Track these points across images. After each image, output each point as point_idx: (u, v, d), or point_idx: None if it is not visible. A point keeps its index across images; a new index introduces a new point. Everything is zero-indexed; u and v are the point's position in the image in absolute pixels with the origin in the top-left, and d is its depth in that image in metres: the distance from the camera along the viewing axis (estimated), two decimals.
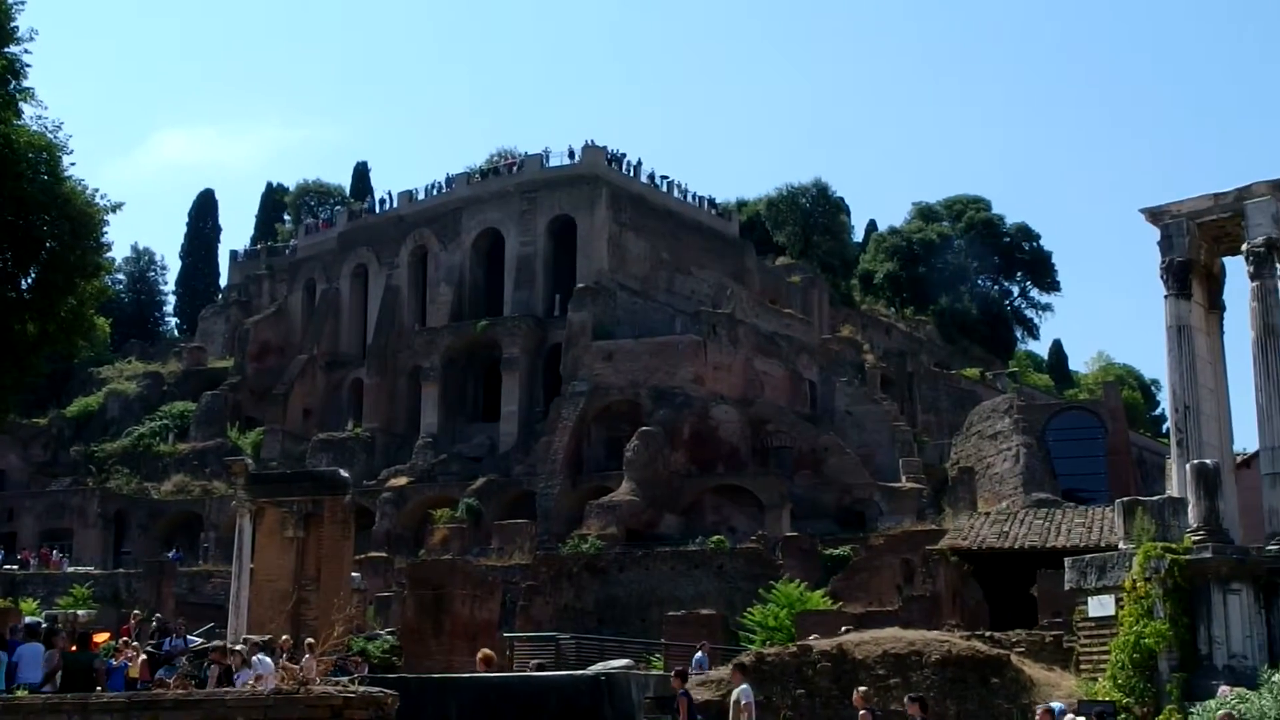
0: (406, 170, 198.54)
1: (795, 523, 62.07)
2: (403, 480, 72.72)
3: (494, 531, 62.15)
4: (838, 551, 54.50)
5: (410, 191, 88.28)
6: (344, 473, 38.58)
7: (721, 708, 26.70)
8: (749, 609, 42.71)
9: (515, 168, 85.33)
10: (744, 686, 20.90)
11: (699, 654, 32.91)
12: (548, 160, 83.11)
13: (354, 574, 41.39)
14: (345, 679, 10.62)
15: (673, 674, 21.92)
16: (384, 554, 61.21)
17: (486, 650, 20.79)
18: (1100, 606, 24.53)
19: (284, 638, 26.11)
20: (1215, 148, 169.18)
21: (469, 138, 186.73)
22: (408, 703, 10.55)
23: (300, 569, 34.07)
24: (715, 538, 58.13)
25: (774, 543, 55.58)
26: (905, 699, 21.38)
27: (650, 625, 46.87)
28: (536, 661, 28.56)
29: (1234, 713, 19.34)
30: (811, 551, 54.06)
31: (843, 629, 32.14)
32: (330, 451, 74.99)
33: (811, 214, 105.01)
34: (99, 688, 17.60)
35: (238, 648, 25.11)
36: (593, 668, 19.55)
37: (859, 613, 40.35)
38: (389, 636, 35.85)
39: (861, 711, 21.07)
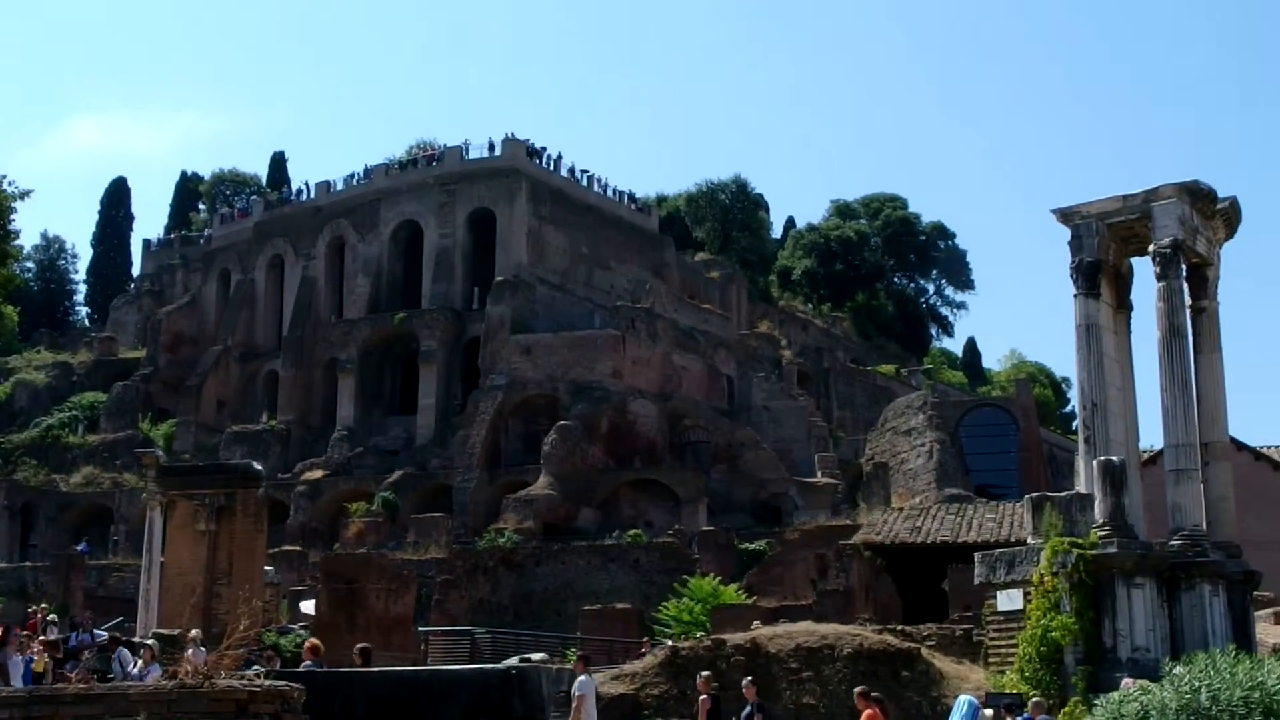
0: (324, 161, 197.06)
1: (712, 517, 62.37)
2: (318, 473, 72.06)
3: (410, 525, 61.79)
4: (753, 546, 54.88)
5: (328, 182, 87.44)
6: (257, 465, 38.21)
7: (635, 700, 26.85)
8: (664, 603, 42.84)
9: (434, 160, 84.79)
10: (582, 678, 20.39)
11: None
12: (467, 153, 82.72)
13: (267, 568, 40.95)
14: (251, 672, 10.51)
15: (745, 684, 21.72)
16: (298, 548, 60.65)
17: (314, 640, 20.56)
18: (1009, 600, 24.90)
19: (193, 631, 25.76)
20: (1125, 150, 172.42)
21: (388, 129, 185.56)
22: (316, 697, 10.45)
23: (212, 563, 33.69)
24: (632, 532, 58.24)
25: (690, 537, 55.81)
26: (745, 683, 21.32)
27: (566, 619, 46.83)
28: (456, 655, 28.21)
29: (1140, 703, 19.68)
30: (727, 546, 54.39)
31: (754, 623, 32.35)
32: (244, 444, 74.12)
33: (731, 210, 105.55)
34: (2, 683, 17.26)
35: (149, 642, 24.77)
36: (506, 662, 19.44)
37: (773, 607, 40.66)
38: (302, 631, 35.53)
39: (702, 696, 21.06)
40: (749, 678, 22.81)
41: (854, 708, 25.22)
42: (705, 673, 23.57)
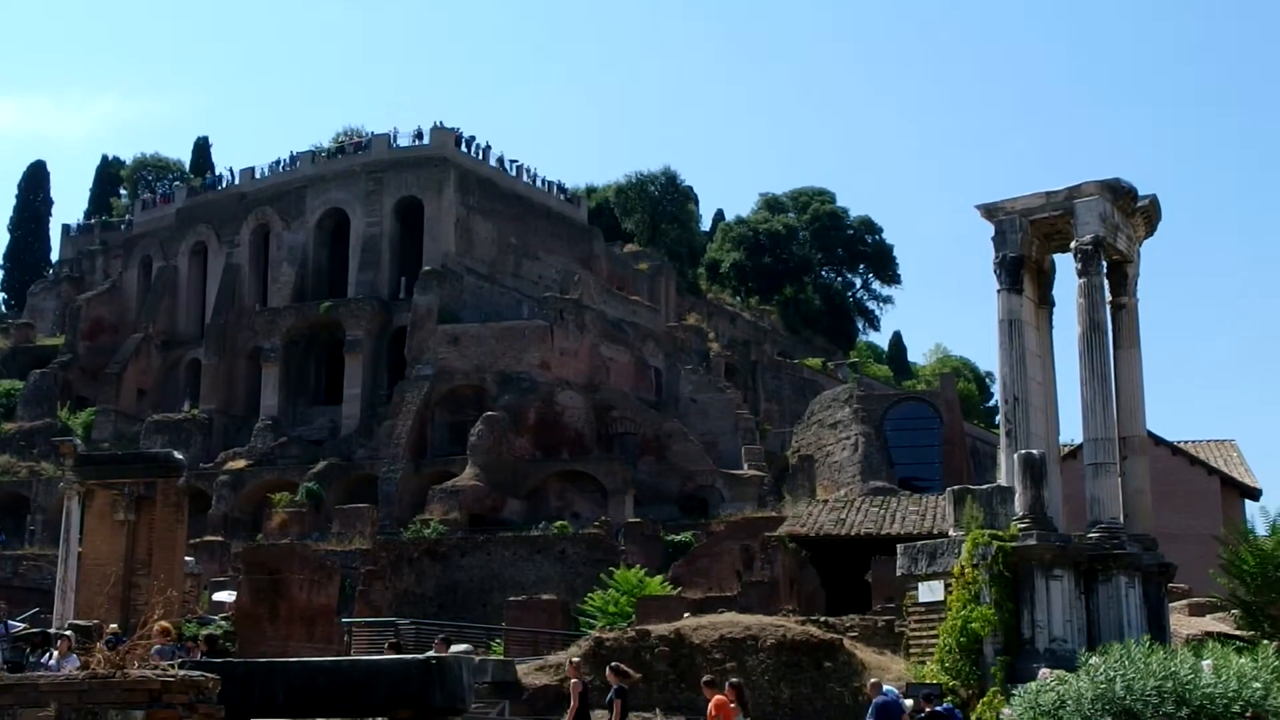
0: (249, 147, 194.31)
1: (638, 509, 62.48)
2: (241, 463, 71.27)
3: (334, 516, 61.35)
4: (679, 537, 55.03)
5: (253, 169, 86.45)
6: (178, 455, 37.69)
7: (559, 691, 26.83)
8: (590, 594, 42.86)
9: (362, 148, 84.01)
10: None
11: None
12: (395, 141, 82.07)
13: (188, 558, 40.48)
14: (166, 663, 10.37)
15: (609, 669, 21.70)
16: (220, 538, 59.99)
17: (164, 623, 20.37)
18: (930, 592, 25.17)
19: (112, 626, 25.39)
20: (1049, 146, 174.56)
21: (315, 116, 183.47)
22: (234, 688, 10.33)
23: (131, 553, 33.22)
24: (558, 523, 58.19)
25: (617, 528, 55.87)
26: (608, 669, 21.35)
27: (491, 610, 46.76)
28: (390, 642, 27.76)
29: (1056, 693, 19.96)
30: (654, 537, 54.50)
31: (684, 615, 32.43)
32: (165, 433, 73.14)
33: (660, 202, 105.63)
34: None
35: (66, 633, 24.37)
36: (429, 652, 19.32)
37: (699, 598, 40.75)
38: (223, 622, 35.15)
39: (573, 680, 21.06)
40: (613, 663, 22.85)
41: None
42: (576, 658, 23.65)
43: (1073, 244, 26.56)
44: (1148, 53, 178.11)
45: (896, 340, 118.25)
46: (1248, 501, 52.60)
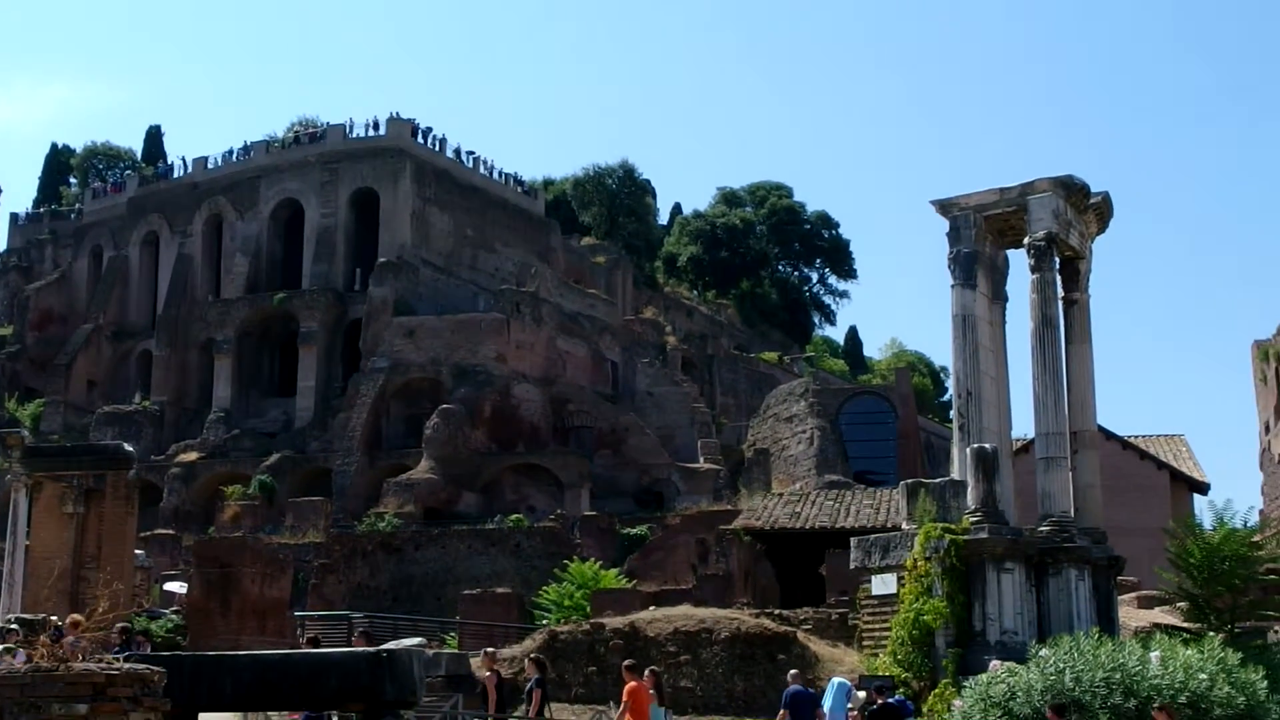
0: (202, 136, 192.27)
1: (594, 502, 62.46)
2: (193, 455, 70.75)
3: (288, 509, 60.97)
4: (635, 531, 55.09)
5: (206, 158, 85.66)
6: (128, 447, 37.26)
7: (513, 685, 26.78)
8: (545, 588, 42.81)
9: (317, 138, 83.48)
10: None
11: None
12: (351, 131, 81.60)
13: (138, 551, 40.07)
14: (111, 656, 10.26)
15: (528, 660, 21.70)
16: (171, 531, 59.52)
17: (75, 615, 20.21)
18: (883, 585, 25.31)
19: (54, 618, 25.08)
20: (1004, 143, 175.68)
21: (269, 106, 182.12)
22: (182, 681, 10.22)
23: (80, 546, 32.82)
24: (514, 516, 58.09)
25: (572, 522, 55.83)
26: (527, 660, 21.29)
27: (446, 604, 46.64)
28: (361, 631, 27.37)
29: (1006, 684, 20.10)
30: (609, 530, 54.54)
31: (650, 607, 32.45)
32: (116, 425, 72.45)
33: (617, 195, 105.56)
34: None
35: (13, 627, 24.07)
36: (383, 646, 19.25)
37: (654, 591, 40.84)
38: (174, 615, 34.87)
39: (486, 673, 21.03)
40: (532, 654, 22.89)
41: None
42: (489, 649, 23.65)
43: (1026, 240, 26.74)
44: (1102, 51, 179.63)
45: (852, 335, 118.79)
46: (1196, 496, 53.18)
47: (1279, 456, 61.68)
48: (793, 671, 21.31)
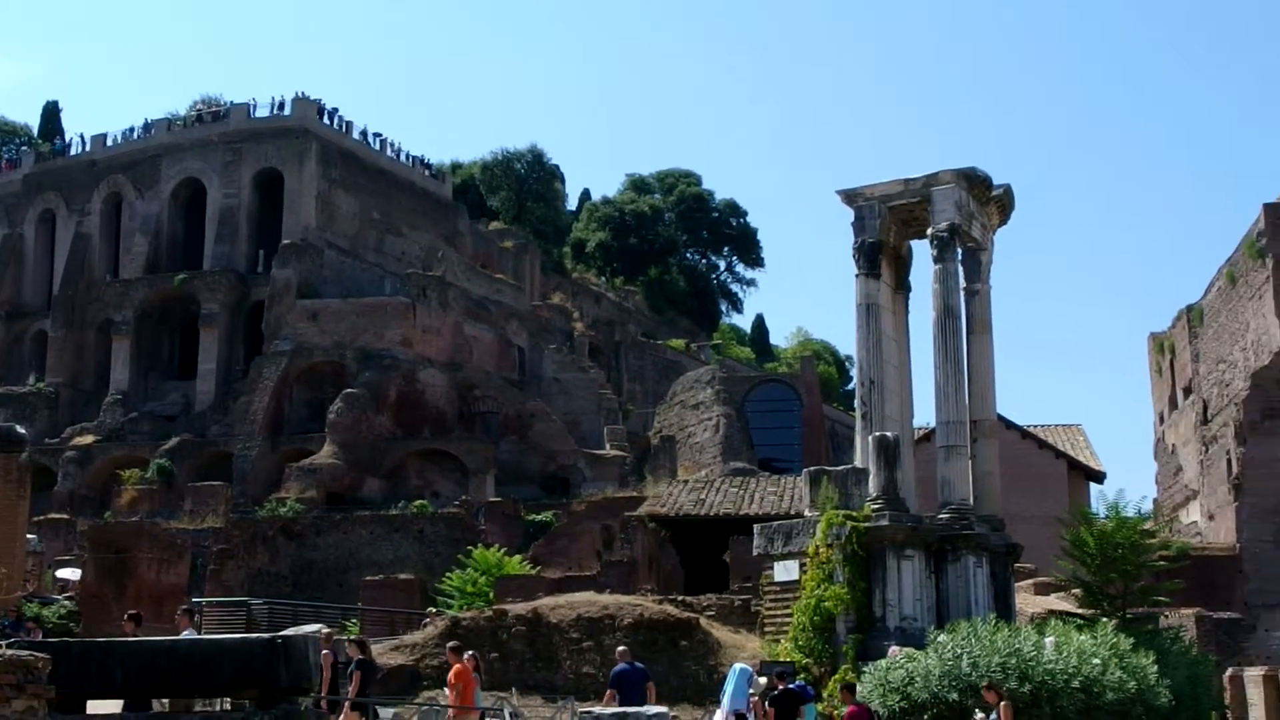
0: (102, 113, 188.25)
1: (500, 488, 62.23)
2: (89, 439, 69.38)
3: (187, 493, 60.00)
4: (540, 517, 54.96)
5: (105, 135, 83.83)
6: (21, 429, 36.37)
7: (415, 671, 26.63)
8: (448, 574, 42.59)
9: (220, 117, 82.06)
10: (188, 631, 19.25)
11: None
12: (255, 111, 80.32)
13: (30, 536, 39.21)
14: None
15: (348, 641, 21.52)
16: (66, 516, 58.34)
17: None
18: (785, 571, 25.50)
19: None
20: (910, 134, 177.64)
21: (171, 83, 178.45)
22: (70, 668, 9.99)
23: None
24: (418, 502, 57.72)
25: (477, 508, 55.58)
26: (348, 642, 21.12)
27: (348, 590, 46.24)
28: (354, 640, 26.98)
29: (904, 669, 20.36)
30: (515, 517, 54.37)
31: (541, 594, 32.40)
32: (9, 407, 70.80)
33: (526, 180, 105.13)
34: None
35: None
36: (281, 633, 18.99)
37: (558, 578, 40.77)
38: (66, 602, 34.17)
39: (324, 651, 20.66)
40: (352, 636, 22.74)
41: None
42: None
43: (929, 230, 27.07)
44: (1007, 46, 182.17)
45: (759, 323, 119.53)
46: (1093, 484, 54.30)
47: (1172, 446, 63.15)
48: (620, 649, 21.34)
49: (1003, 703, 18.09)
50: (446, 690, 20.29)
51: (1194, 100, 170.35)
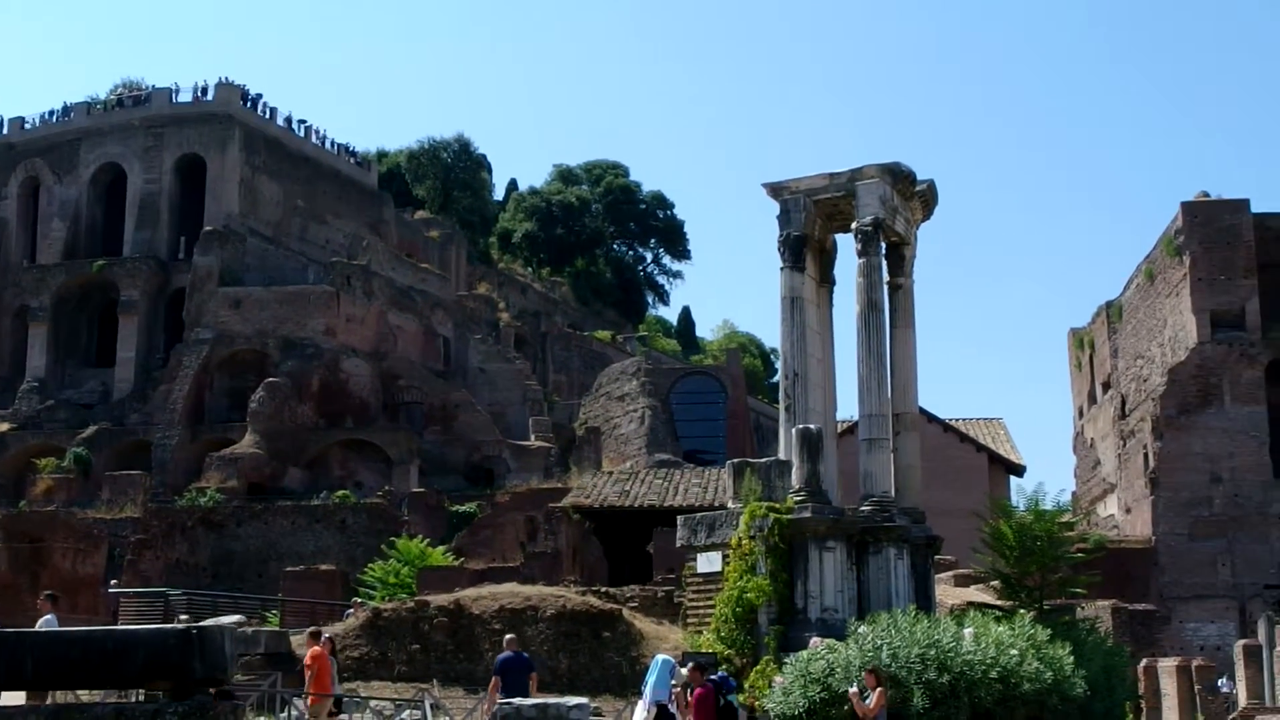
0: (19, 96, 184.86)
1: (424, 479, 61.91)
2: (4, 426, 68.15)
3: (104, 483, 59.12)
4: (464, 508, 54.73)
5: (22, 118, 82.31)
6: None
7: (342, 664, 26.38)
8: (370, 565, 42.30)
9: (141, 101, 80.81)
10: (48, 617, 18.59)
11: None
12: (177, 95, 79.21)
13: None
14: None
15: (308, 632, 21.24)
16: None
17: None
18: (708, 563, 25.55)
19: None
20: (836, 128, 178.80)
21: (91, 66, 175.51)
22: None
23: None
24: (340, 492, 57.28)
25: (400, 498, 55.28)
26: (308, 632, 20.93)
27: (268, 581, 45.81)
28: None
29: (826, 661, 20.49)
30: (438, 508, 54.11)
31: (464, 586, 32.25)
32: None
33: (453, 169, 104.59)
34: None
35: None
36: (197, 624, 18.72)
37: (481, 569, 40.60)
38: None
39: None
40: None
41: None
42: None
43: (854, 225, 27.22)
44: (932, 42, 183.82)
45: (685, 315, 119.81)
46: (1013, 478, 55.06)
47: (1091, 440, 64.18)
48: (508, 637, 21.35)
49: (879, 688, 18.51)
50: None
51: (1116, 99, 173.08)
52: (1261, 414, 48.88)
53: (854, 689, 18.88)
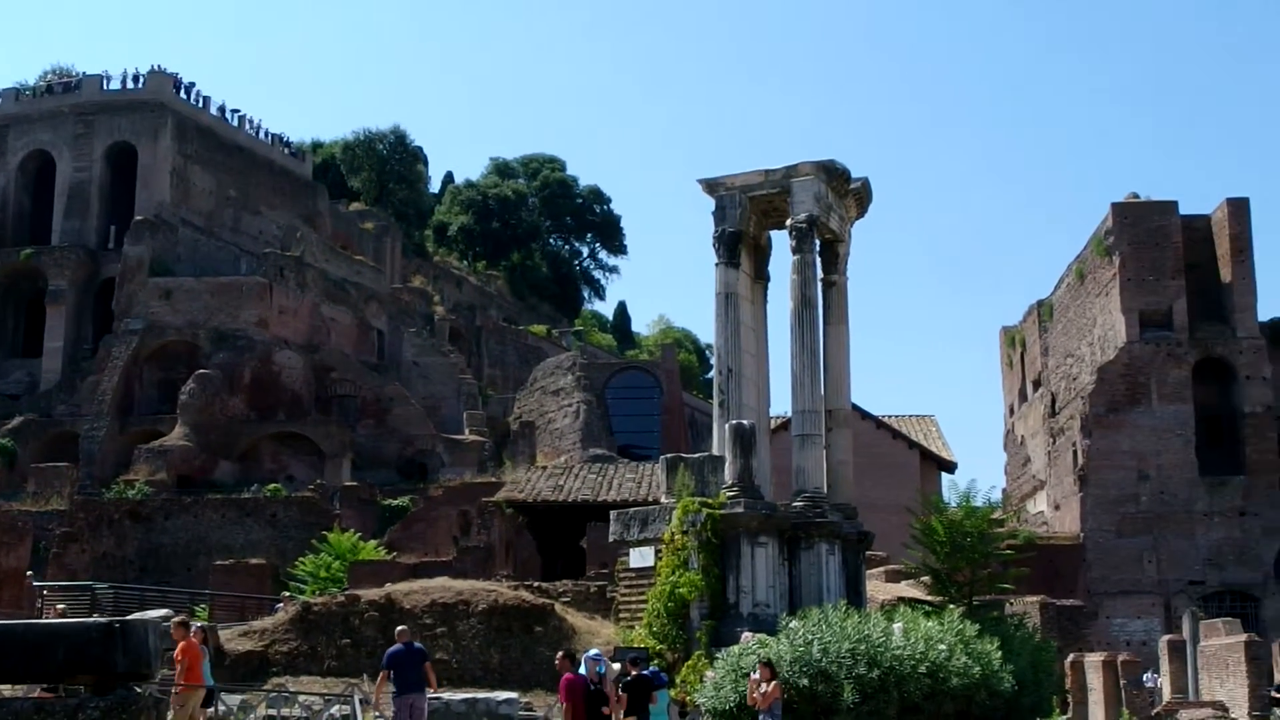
0: None
1: (356, 472, 61.52)
2: None
3: (30, 474, 58.21)
4: (397, 502, 54.48)
5: None
6: None
7: (264, 657, 26.18)
8: (301, 559, 41.97)
9: (71, 88, 79.53)
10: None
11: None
12: (108, 83, 78.02)
13: None
14: None
15: (175, 622, 20.76)
16: None
17: None
18: (641, 558, 25.58)
19: None
20: (772, 125, 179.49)
21: (20, 52, 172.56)
22: None
23: None
24: (272, 486, 56.77)
25: (332, 492, 54.89)
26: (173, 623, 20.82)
27: (197, 575, 45.32)
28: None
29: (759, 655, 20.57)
30: (371, 501, 53.81)
31: (395, 580, 32.05)
32: None
33: (388, 161, 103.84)
34: None
35: None
36: (121, 618, 18.45)
37: (414, 563, 40.45)
38: None
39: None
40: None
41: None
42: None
43: (789, 222, 27.34)
44: (868, 39, 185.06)
45: (621, 310, 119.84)
46: (944, 474, 55.59)
47: (1021, 438, 64.91)
48: (400, 629, 21.25)
49: (773, 681, 18.87)
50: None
51: (1050, 99, 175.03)
52: (1188, 413, 49.73)
53: (754, 675, 19.15)
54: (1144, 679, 31.42)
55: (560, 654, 19.50)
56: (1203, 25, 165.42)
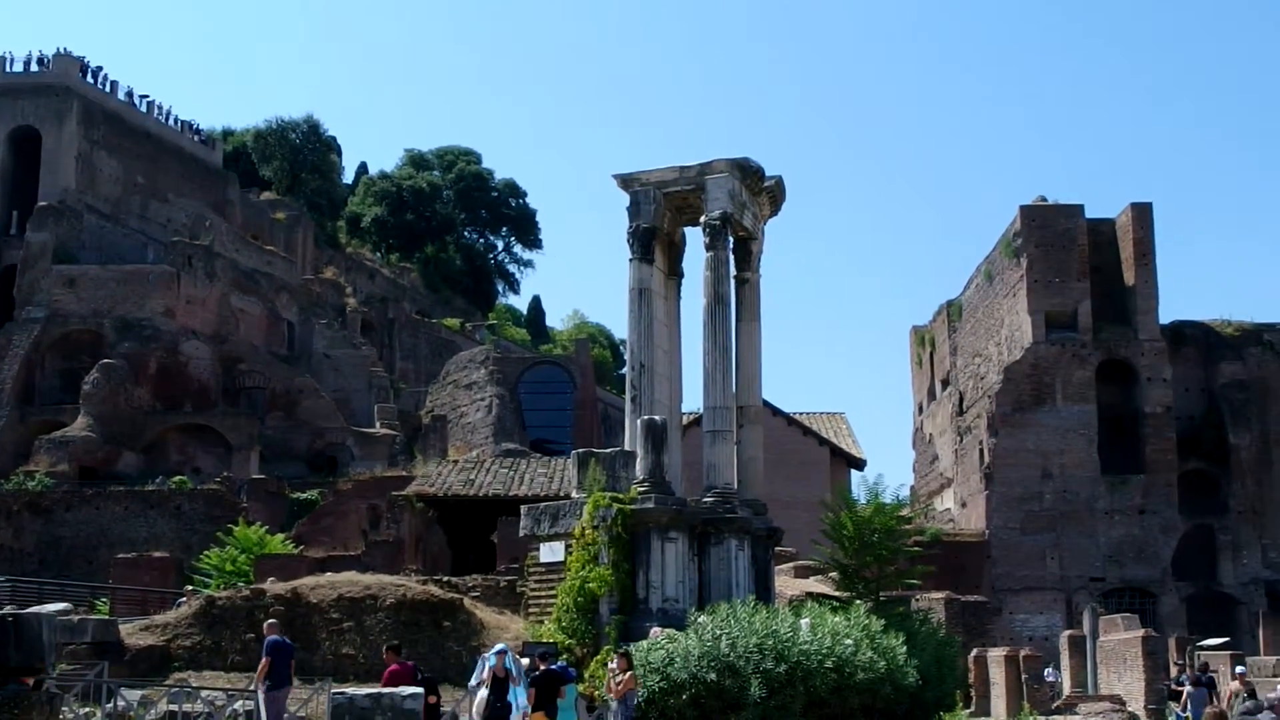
0: None
1: (265, 465, 60.79)
2: None
3: None
4: (306, 495, 53.93)
5: None
6: None
7: (166, 652, 25.74)
8: (206, 552, 41.34)
9: None
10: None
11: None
12: (11, 65, 76.34)
13: None
14: None
15: None
16: None
17: None
18: (551, 553, 25.50)
19: None
20: (687, 121, 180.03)
21: None
22: None
23: None
24: (178, 478, 55.91)
25: (239, 485, 54.18)
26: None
27: (98, 568, 44.52)
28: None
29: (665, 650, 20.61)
30: (278, 494, 53.22)
31: (303, 574, 31.69)
32: None
33: (301, 150, 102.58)
34: None
35: None
36: (12, 611, 18.10)
37: (321, 557, 40.03)
38: None
39: None
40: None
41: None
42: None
43: (702, 218, 27.39)
44: (783, 39, 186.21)
45: (535, 304, 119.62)
46: (854, 471, 56.02)
47: (930, 436, 65.72)
48: (269, 622, 21.34)
49: (629, 672, 19.36)
50: None
51: (960, 102, 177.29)
52: (1091, 413, 50.70)
53: (612, 665, 19.41)
54: (1045, 673, 31.99)
55: (387, 648, 20.06)
56: (1110, 31, 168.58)
